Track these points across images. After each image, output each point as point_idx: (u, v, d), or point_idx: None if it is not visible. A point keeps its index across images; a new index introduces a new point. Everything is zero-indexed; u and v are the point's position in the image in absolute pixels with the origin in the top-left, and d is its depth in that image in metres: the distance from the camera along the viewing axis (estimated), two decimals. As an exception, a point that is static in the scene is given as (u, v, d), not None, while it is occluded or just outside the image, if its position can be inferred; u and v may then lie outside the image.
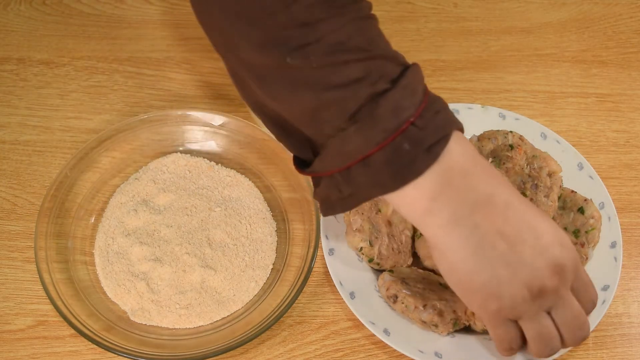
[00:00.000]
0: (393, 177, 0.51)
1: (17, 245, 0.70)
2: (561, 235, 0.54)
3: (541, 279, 0.52)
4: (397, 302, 0.63)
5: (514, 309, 0.53)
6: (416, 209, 0.53)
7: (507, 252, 0.52)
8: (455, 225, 0.52)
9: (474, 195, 0.52)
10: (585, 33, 0.89)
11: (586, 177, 0.72)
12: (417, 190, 0.52)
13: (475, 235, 0.52)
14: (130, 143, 0.74)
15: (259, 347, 0.65)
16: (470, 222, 0.52)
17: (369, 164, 0.51)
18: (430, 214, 0.52)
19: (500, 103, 0.82)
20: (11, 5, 0.88)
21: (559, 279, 0.53)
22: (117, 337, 0.62)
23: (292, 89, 0.52)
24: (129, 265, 0.68)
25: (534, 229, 0.53)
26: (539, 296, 0.53)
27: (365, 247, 0.65)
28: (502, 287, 0.52)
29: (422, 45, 0.87)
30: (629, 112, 0.82)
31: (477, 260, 0.52)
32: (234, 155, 0.75)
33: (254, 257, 0.69)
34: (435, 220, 0.52)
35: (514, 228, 0.52)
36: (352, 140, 0.51)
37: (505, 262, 0.52)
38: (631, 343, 0.66)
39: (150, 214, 0.70)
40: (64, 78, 0.82)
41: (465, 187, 0.52)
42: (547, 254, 0.53)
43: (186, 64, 0.84)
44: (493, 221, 0.52)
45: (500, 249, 0.52)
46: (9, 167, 0.75)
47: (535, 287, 0.52)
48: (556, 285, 0.53)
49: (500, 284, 0.52)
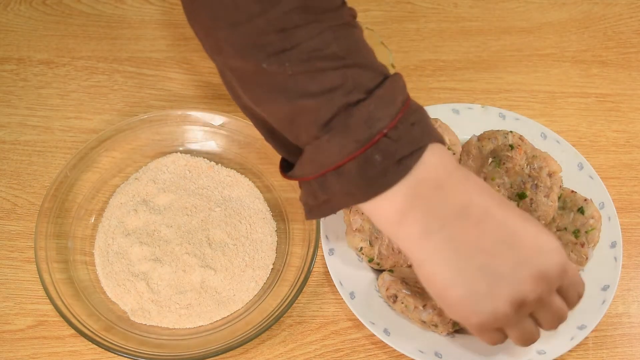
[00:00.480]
0: (364, 188, 0.51)
1: (17, 245, 0.70)
2: (543, 240, 0.52)
3: (523, 292, 0.51)
4: (397, 302, 0.63)
5: (496, 321, 0.53)
6: (388, 221, 0.52)
7: (485, 265, 0.51)
8: (427, 238, 0.51)
9: (446, 208, 0.51)
10: (585, 33, 0.89)
11: (586, 177, 0.72)
12: (389, 202, 0.51)
13: (449, 248, 0.51)
14: (130, 143, 0.74)
15: (259, 347, 0.65)
16: (443, 236, 0.51)
17: (342, 173, 0.51)
18: (402, 226, 0.52)
19: (500, 103, 0.82)
20: (11, 5, 0.88)
21: (542, 288, 0.52)
22: (117, 337, 0.62)
23: (269, 95, 0.51)
24: (129, 265, 0.68)
25: (514, 238, 0.52)
26: (522, 307, 0.52)
27: (365, 247, 0.65)
28: (481, 302, 0.51)
29: (422, 45, 0.87)
30: (629, 112, 0.82)
31: (454, 274, 0.51)
32: (234, 155, 0.75)
33: (254, 257, 0.69)
34: (407, 232, 0.52)
35: (491, 239, 0.51)
36: (326, 149, 0.51)
37: (484, 275, 0.51)
38: (631, 343, 0.66)
39: (150, 214, 0.70)
40: (64, 78, 0.82)
41: (437, 200, 0.51)
42: (528, 264, 0.51)
43: (186, 64, 0.84)
44: (468, 233, 0.51)
45: (477, 262, 0.51)
46: (9, 167, 0.75)
47: (517, 300, 0.51)
48: (539, 294, 0.52)
49: (479, 300, 0.51)
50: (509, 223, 0.52)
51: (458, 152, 0.73)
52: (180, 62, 0.84)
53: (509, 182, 0.66)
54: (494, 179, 0.67)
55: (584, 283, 0.57)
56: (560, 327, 0.63)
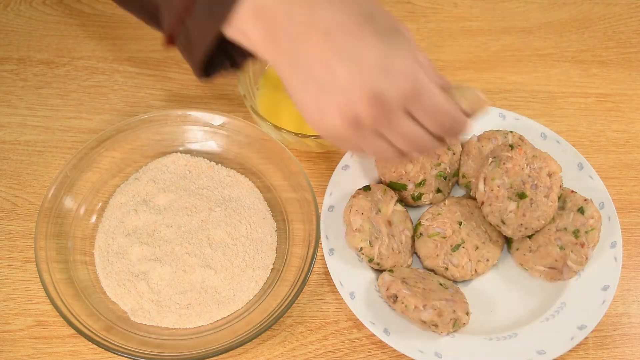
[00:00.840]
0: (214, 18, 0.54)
1: (17, 245, 0.70)
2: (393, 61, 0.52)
3: (354, 110, 0.52)
4: (397, 302, 0.63)
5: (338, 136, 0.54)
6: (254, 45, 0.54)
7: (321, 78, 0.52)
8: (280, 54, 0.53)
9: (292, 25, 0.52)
10: (585, 33, 0.89)
11: (586, 177, 0.72)
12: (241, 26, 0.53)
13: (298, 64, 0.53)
14: (130, 143, 0.74)
15: (259, 347, 0.65)
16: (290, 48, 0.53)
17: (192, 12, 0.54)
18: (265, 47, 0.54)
19: (500, 103, 0.82)
20: (11, 5, 0.88)
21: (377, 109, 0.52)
22: (117, 337, 0.62)
23: None
24: (129, 265, 0.68)
25: (358, 54, 0.51)
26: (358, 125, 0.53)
27: (365, 247, 0.65)
28: (316, 114, 0.54)
29: (422, 45, 0.87)
30: (629, 112, 0.82)
31: (299, 85, 0.54)
32: (234, 155, 0.75)
33: (254, 257, 0.69)
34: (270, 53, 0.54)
35: (332, 53, 0.51)
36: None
37: (319, 88, 0.52)
38: (631, 343, 0.66)
39: (150, 214, 0.70)
40: (64, 78, 0.82)
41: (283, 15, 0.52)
42: (364, 83, 0.51)
43: (186, 64, 0.83)
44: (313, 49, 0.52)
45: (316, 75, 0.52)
46: (9, 167, 0.75)
47: (349, 117, 0.52)
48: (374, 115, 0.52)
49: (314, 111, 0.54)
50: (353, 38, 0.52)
51: (458, 152, 0.73)
52: (180, 62, 0.84)
53: (509, 182, 0.66)
54: (494, 179, 0.67)
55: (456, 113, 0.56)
56: (561, 327, 0.64)
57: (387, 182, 0.71)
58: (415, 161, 0.71)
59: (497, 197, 0.67)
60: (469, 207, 0.70)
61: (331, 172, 0.72)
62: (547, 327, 0.64)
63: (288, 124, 0.72)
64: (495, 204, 0.67)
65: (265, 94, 0.77)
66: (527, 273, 0.68)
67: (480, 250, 0.68)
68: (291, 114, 0.75)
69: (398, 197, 0.71)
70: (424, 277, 0.66)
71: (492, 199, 0.67)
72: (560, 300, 0.66)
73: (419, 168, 0.71)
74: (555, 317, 0.65)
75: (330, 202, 0.70)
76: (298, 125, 0.73)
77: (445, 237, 0.68)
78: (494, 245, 0.69)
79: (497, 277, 0.69)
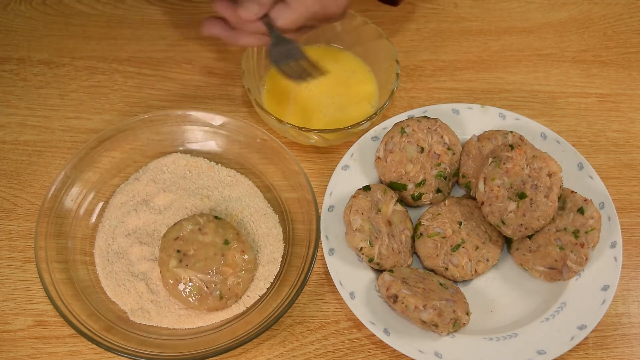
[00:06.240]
0: None
1: (17, 245, 0.70)
2: None
3: None
4: (397, 302, 0.63)
5: None
6: None
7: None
8: None
9: None
10: (585, 33, 0.89)
11: (586, 177, 0.72)
12: None
13: None
14: (130, 143, 0.74)
15: (259, 347, 0.65)
16: None
17: None
18: None
19: (500, 103, 0.82)
20: (11, 5, 0.88)
21: None
22: (117, 337, 0.62)
23: None
24: (129, 265, 0.68)
25: None
26: None
27: (365, 247, 0.65)
28: None
29: (422, 45, 0.87)
30: (629, 112, 0.82)
31: None
32: (234, 155, 0.75)
33: (263, 252, 0.69)
34: None
35: None
36: None
37: None
38: (631, 343, 0.66)
39: (150, 214, 0.70)
40: (64, 78, 0.82)
41: None
42: None
43: (186, 64, 0.84)
44: None
45: None
46: (9, 167, 0.75)
47: None
48: None
49: None
50: None
51: (458, 152, 0.73)
52: (180, 62, 0.84)
53: (509, 182, 0.66)
54: (494, 179, 0.67)
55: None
56: (561, 327, 0.64)
57: (387, 182, 0.71)
58: (415, 161, 0.71)
59: (497, 197, 0.67)
60: (469, 207, 0.70)
61: (331, 172, 0.72)
62: (547, 327, 0.64)
63: (292, 120, 0.73)
64: (495, 204, 0.67)
65: (270, 90, 0.78)
66: (527, 273, 0.68)
67: (480, 250, 0.68)
68: (295, 111, 0.76)
69: (398, 197, 0.71)
70: (424, 277, 0.66)
71: (492, 199, 0.67)
72: (560, 300, 0.66)
73: (419, 168, 0.71)
74: (555, 317, 0.65)
75: (330, 202, 0.70)
76: (302, 122, 0.74)
77: (445, 237, 0.68)
78: (494, 245, 0.69)
79: (497, 277, 0.69)
